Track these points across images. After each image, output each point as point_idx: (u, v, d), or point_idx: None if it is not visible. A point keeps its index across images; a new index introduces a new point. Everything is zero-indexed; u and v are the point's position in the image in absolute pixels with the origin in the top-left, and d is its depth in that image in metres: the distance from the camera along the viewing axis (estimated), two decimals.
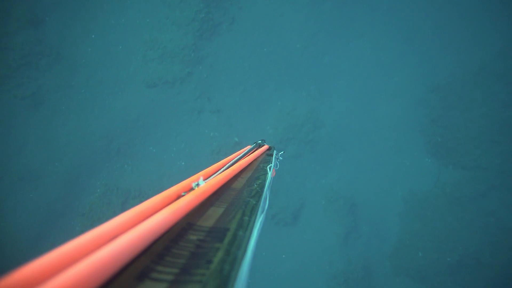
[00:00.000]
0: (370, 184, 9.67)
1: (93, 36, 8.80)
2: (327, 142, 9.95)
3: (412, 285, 8.55)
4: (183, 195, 0.66)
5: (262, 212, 0.79)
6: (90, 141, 8.63)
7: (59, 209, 8.12)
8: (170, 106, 9.52)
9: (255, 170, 1.23)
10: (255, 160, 1.42)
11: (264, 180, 1.06)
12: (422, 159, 9.55)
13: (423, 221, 8.79)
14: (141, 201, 0.53)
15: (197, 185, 0.75)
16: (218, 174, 0.90)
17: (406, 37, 10.01)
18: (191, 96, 9.71)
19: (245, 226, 0.66)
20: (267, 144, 1.88)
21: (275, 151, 1.68)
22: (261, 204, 0.84)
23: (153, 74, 9.49)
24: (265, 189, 0.95)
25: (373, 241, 9.31)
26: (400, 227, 9.15)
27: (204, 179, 0.79)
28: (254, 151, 1.55)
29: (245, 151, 1.37)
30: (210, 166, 0.98)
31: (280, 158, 1.81)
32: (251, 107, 9.92)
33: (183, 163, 9.44)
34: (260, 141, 1.75)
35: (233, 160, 1.12)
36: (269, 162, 1.37)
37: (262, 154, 1.59)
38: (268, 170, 1.19)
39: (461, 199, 8.72)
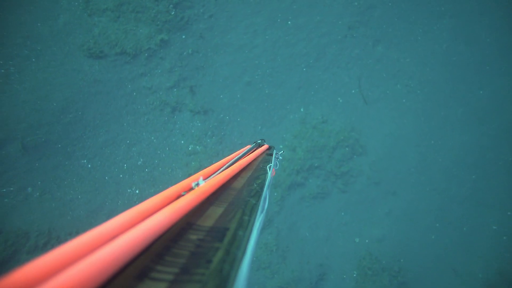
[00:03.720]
0: (430, 253, 5.89)
1: None
2: (368, 179, 6.17)
3: None
4: (183, 195, 0.63)
5: (262, 211, 0.74)
6: None
7: None
8: (126, 94, 5.43)
9: (255, 170, 1.15)
10: (255, 159, 1.33)
11: (264, 180, 0.99)
12: None
13: None
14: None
15: (197, 184, 0.71)
16: (218, 174, 0.85)
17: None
18: (164, 81, 5.67)
19: (245, 226, 0.63)
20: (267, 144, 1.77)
21: (274, 151, 1.57)
22: (261, 203, 0.78)
23: (100, 37, 5.37)
24: (265, 189, 0.89)
25: None
26: None
27: (204, 179, 0.76)
28: (254, 150, 1.46)
29: (245, 151, 1.29)
30: (210, 165, 0.91)
31: (280, 157, 1.68)
32: (258, 111, 5.98)
33: (137, 191, 5.43)
34: (260, 141, 1.63)
35: (233, 160, 1.04)
36: (269, 161, 1.28)
37: (262, 153, 1.50)
38: (268, 169, 1.11)
39: None
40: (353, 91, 6.62)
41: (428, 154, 6.47)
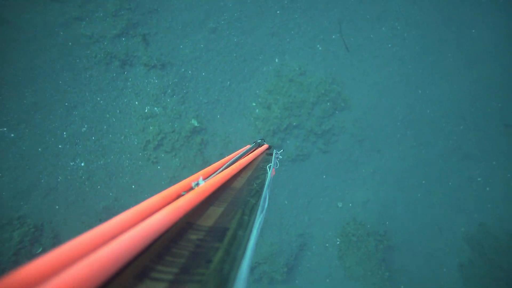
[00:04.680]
0: (416, 213, 5.45)
1: None
2: (351, 137, 5.48)
3: None
4: (183, 195, 0.63)
5: (262, 211, 0.72)
6: None
7: None
8: (58, 44, 4.24)
9: (254, 170, 1.15)
10: (254, 159, 1.33)
11: (264, 180, 0.99)
12: (506, 172, 5.47)
13: (509, 285, 4.89)
14: None
15: (197, 184, 0.70)
16: (218, 174, 0.84)
17: None
18: (108, 28, 4.49)
19: (245, 226, 0.63)
20: (267, 143, 1.76)
21: (274, 150, 1.55)
22: (261, 203, 0.77)
23: None
24: (264, 189, 0.87)
25: None
26: None
27: (204, 179, 0.75)
28: (254, 150, 1.46)
29: (245, 150, 1.28)
30: (209, 165, 0.90)
31: (280, 157, 1.63)
32: (226, 64, 4.98)
33: (82, 164, 4.41)
34: (259, 141, 1.66)
35: (233, 159, 1.03)
36: (269, 161, 1.28)
37: (261, 153, 1.50)
38: (268, 169, 1.10)
39: None
40: (333, 37, 5.68)
41: (416, 106, 5.82)
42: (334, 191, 5.62)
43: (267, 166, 1.13)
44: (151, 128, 4.91)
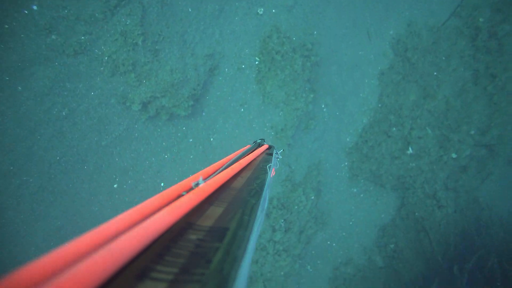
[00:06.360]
0: (347, 17, 4.48)
1: None
2: None
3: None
4: (183, 195, 0.59)
5: (262, 211, 0.70)
6: None
7: None
8: None
9: (254, 170, 1.04)
10: (254, 159, 1.22)
11: (264, 180, 0.91)
12: None
13: (420, 86, 4.70)
14: None
15: (197, 184, 0.65)
16: (218, 174, 0.78)
17: None
18: None
19: (245, 226, 0.59)
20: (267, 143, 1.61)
21: (274, 150, 1.44)
22: (261, 203, 0.73)
23: None
24: (264, 189, 0.83)
25: (333, 131, 4.90)
26: (379, 98, 4.76)
27: (204, 179, 0.69)
28: (254, 150, 1.35)
29: (245, 150, 1.20)
30: (209, 165, 0.82)
31: (280, 157, 1.51)
32: None
33: None
34: (259, 140, 1.49)
35: (233, 159, 0.95)
36: (269, 161, 1.18)
37: (261, 153, 1.38)
38: (268, 169, 1.03)
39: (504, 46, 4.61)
40: None
41: None
42: None
43: (267, 166, 1.04)
44: None
